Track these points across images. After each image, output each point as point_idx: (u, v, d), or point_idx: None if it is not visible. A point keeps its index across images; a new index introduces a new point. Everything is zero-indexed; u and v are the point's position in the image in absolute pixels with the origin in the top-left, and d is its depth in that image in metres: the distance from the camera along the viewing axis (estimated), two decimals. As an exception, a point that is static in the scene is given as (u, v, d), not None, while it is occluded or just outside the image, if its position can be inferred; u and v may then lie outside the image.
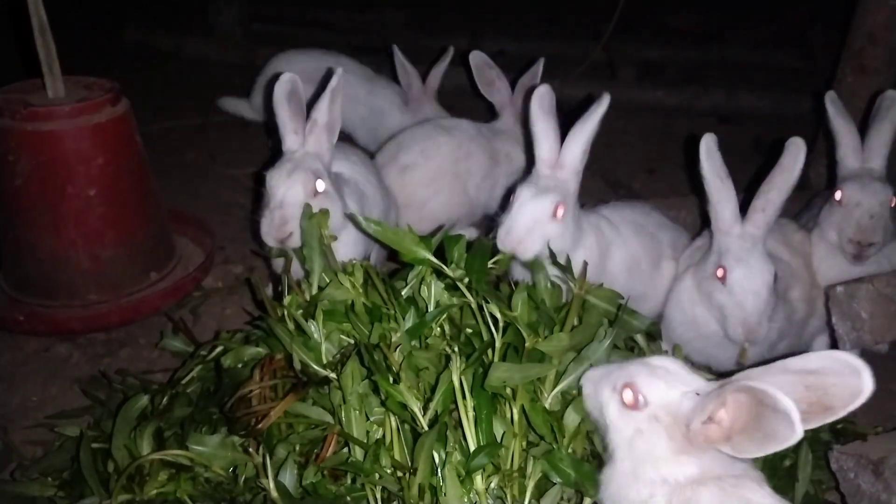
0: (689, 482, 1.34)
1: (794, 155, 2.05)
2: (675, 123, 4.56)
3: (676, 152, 4.11)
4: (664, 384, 1.41)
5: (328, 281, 1.99)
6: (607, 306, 1.92)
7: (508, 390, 1.69)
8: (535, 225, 2.09)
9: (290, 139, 2.29)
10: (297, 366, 1.86)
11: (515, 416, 1.67)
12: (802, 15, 5.98)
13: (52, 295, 2.63)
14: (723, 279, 2.06)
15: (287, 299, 1.97)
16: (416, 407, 1.67)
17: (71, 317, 2.61)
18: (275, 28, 6.14)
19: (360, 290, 1.94)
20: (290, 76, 2.30)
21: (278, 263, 2.32)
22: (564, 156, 2.15)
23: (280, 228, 2.17)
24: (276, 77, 2.31)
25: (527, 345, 1.74)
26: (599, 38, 5.03)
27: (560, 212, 2.11)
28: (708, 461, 1.35)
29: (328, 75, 2.34)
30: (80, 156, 2.50)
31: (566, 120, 2.17)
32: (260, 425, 1.74)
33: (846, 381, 1.22)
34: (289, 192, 2.18)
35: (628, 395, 1.42)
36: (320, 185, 2.23)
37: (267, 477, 1.65)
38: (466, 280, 1.88)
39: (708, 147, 2.08)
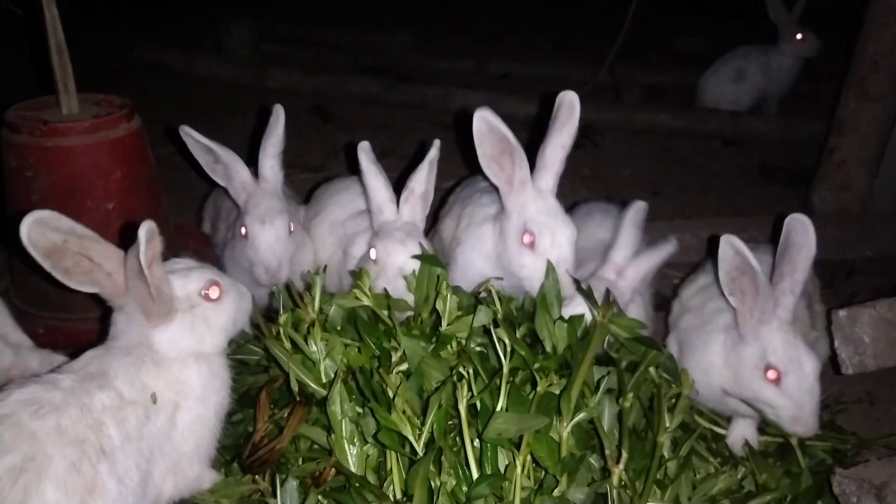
0: None
1: (800, 232, 1.91)
2: (679, 146, 4.58)
3: (681, 175, 4.13)
4: None
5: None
6: (627, 335, 1.90)
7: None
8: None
9: (389, 209, 2.32)
10: (295, 387, 1.86)
11: (522, 447, 1.65)
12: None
13: (68, 309, 2.64)
14: (776, 381, 1.90)
15: (282, 318, 1.97)
16: (410, 434, 1.66)
17: (88, 330, 2.59)
18: (284, 48, 6.23)
19: (371, 296, 2.01)
20: (368, 144, 2.35)
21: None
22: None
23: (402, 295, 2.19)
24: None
25: (538, 388, 1.72)
26: (606, 62, 5.08)
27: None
28: None
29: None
30: (98, 170, 2.52)
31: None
32: (270, 458, 1.75)
33: None
34: (407, 262, 2.20)
35: None
36: None
37: (274, 497, 1.66)
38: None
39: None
